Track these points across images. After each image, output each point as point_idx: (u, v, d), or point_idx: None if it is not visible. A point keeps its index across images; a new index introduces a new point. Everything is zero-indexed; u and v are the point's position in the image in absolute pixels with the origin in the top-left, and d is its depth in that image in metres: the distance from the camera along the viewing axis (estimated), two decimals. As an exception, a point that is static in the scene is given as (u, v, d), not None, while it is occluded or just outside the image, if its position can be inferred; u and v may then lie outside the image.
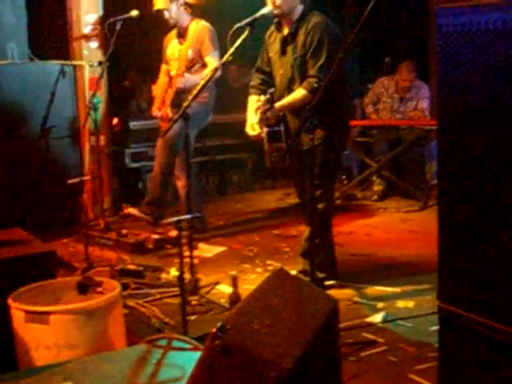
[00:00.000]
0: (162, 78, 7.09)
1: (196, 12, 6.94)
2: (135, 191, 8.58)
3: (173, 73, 6.91)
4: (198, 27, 6.76)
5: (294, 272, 5.06)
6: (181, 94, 6.56)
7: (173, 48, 6.94)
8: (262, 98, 5.09)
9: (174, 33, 7.00)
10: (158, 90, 7.12)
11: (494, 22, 2.37)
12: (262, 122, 5.02)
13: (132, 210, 6.90)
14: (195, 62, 6.70)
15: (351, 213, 7.89)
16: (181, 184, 6.77)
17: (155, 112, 6.95)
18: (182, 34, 6.86)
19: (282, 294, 2.55)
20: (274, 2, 4.91)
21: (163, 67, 7.09)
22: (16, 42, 7.18)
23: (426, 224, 6.90)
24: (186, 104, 4.85)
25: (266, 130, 5.02)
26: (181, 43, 6.86)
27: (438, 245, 2.67)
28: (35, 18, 7.54)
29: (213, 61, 6.48)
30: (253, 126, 5.08)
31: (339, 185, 8.46)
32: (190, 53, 6.71)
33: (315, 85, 4.81)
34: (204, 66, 6.66)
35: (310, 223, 4.90)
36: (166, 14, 6.74)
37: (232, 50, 4.60)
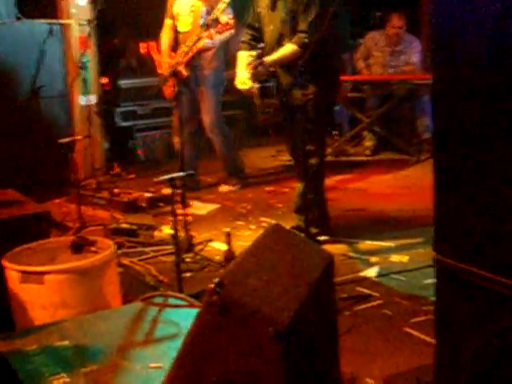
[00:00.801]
0: (168, 34, 6.90)
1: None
2: (126, 150, 8.58)
3: (182, 29, 6.77)
4: None
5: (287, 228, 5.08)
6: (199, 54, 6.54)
7: (183, 4, 6.81)
8: (253, 53, 5.06)
9: None
10: (163, 45, 6.91)
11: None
12: (253, 77, 4.99)
13: (225, 188, 7.20)
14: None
15: (343, 168, 7.89)
16: (177, 140, 6.74)
17: (163, 70, 6.68)
18: None
19: (277, 250, 2.55)
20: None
21: (168, 22, 6.89)
22: (3, 2, 7.10)
23: (419, 178, 6.91)
24: (176, 62, 4.81)
25: (257, 85, 5.00)
26: None
27: (433, 196, 2.64)
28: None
29: (226, 18, 6.31)
30: (244, 81, 5.05)
31: (331, 140, 8.44)
32: (204, 9, 6.59)
33: (305, 40, 4.78)
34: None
35: (303, 179, 4.91)
36: None
37: (221, 6, 4.56)
